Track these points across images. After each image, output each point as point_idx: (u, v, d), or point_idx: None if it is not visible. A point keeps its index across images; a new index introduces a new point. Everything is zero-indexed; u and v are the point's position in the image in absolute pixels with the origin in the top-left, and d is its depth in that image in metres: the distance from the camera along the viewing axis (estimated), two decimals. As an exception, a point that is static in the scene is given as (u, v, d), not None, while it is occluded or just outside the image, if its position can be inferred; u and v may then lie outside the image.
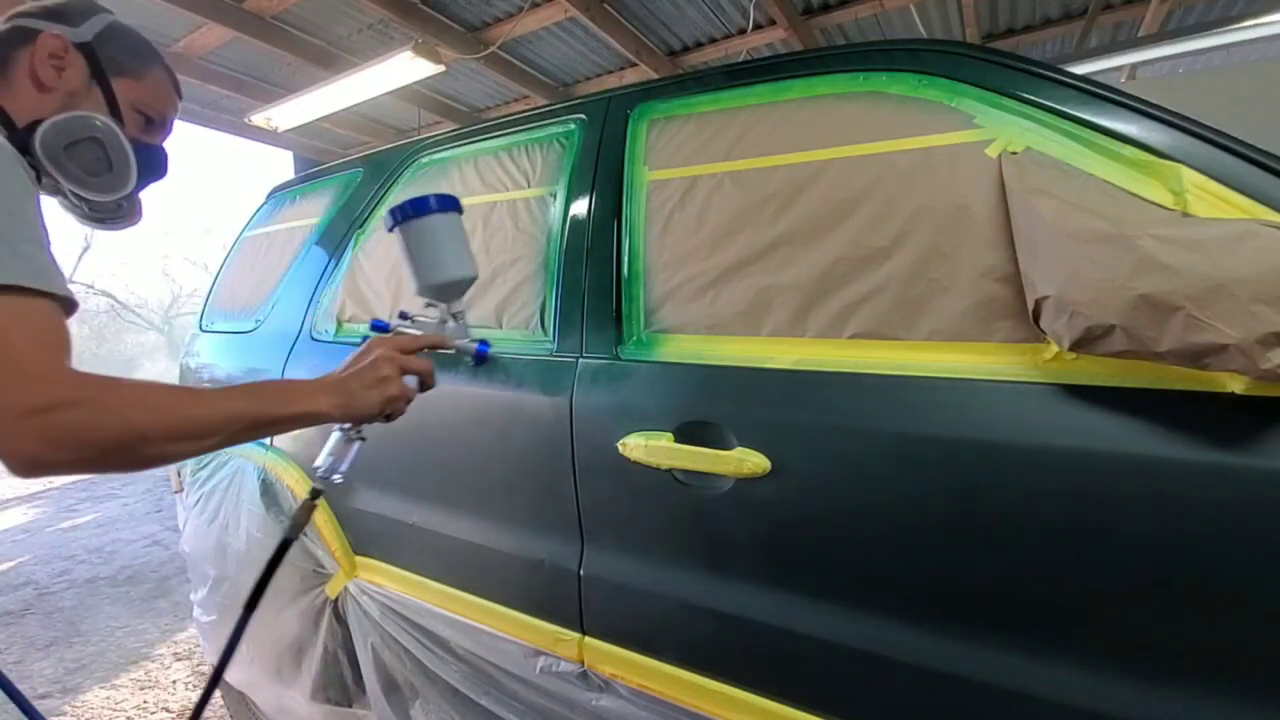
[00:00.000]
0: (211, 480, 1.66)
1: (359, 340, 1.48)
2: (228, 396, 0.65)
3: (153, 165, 0.81)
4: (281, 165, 6.88)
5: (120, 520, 4.24)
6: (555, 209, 1.24)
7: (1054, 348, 0.72)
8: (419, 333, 0.86)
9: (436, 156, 1.55)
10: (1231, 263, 0.58)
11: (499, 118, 1.47)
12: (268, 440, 1.60)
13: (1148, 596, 0.67)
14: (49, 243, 0.60)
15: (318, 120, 4.59)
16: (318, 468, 0.82)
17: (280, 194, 2.07)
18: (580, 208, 1.19)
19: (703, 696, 0.95)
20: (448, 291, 0.88)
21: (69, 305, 0.60)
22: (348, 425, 0.82)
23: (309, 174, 2.02)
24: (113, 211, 0.82)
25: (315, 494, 0.84)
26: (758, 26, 3.95)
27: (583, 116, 1.29)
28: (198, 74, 4.38)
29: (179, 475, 2.06)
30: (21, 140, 0.69)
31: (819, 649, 0.86)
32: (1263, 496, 0.61)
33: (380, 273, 1.51)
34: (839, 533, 0.85)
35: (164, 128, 0.84)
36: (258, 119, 4.48)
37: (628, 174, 1.16)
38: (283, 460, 1.55)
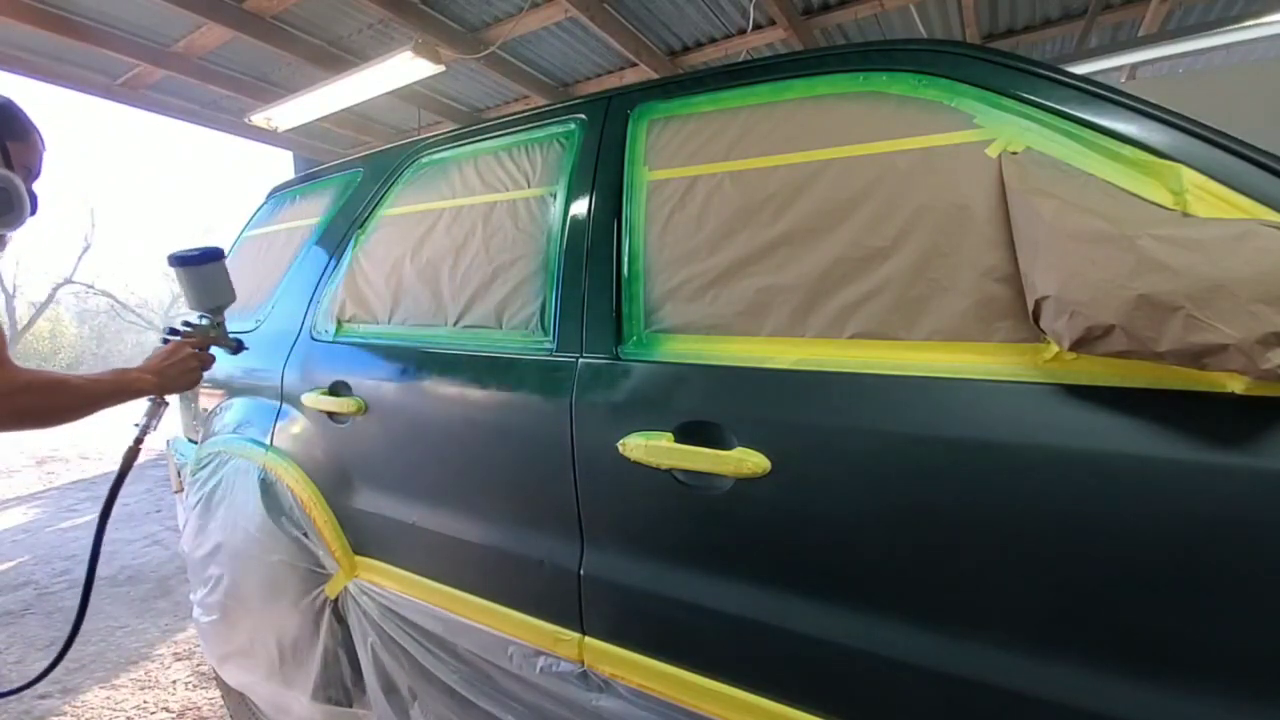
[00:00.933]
0: (212, 480, 1.66)
1: (359, 340, 1.49)
2: (99, 381, 1.06)
3: (34, 204, 1.09)
4: (281, 165, 6.88)
5: (120, 520, 4.23)
6: (555, 209, 1.24)
7: (1054, 348, 0.72)
8: (199, 335, 1.28)
9: (436, 156, 1.55)
10: (1231, 263, 0.58)
11: (499, 118, 1.47)
12: (267, 440, 1.60)
13: (1148, 596, 0.67)
14: None
15: (318, 120, 4.59)
16: (136, 425, 1.25)
17: (280, 194, 2.07)
18: (580, 208, 1.19)
19: (703, 696, 0.95)
20: (218, 310, 1.30)
21: None
22: (156, 397, 1.23)
23: (309, 174, 2.02)
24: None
25: (139, 439, 1.25)
26: (758, 26, 3.95)
27: (583, 116, 1.29)
28: (198, 74, 4.39)
29: (179, 475, 2.06)
30: None
31: (819, 649, 0.86)
32: (1263, 496, 0.61)
33: (380, 272, 1.51)
34: (839, 533, 0.85)
35: (36, 177, 1.12)
36: (258, 119, 4.48)
37: (628, 174, 1.16)
38: (283, 460, 1.55)
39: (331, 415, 1.45)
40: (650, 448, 0.97)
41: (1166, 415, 0.66)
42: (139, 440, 1.25)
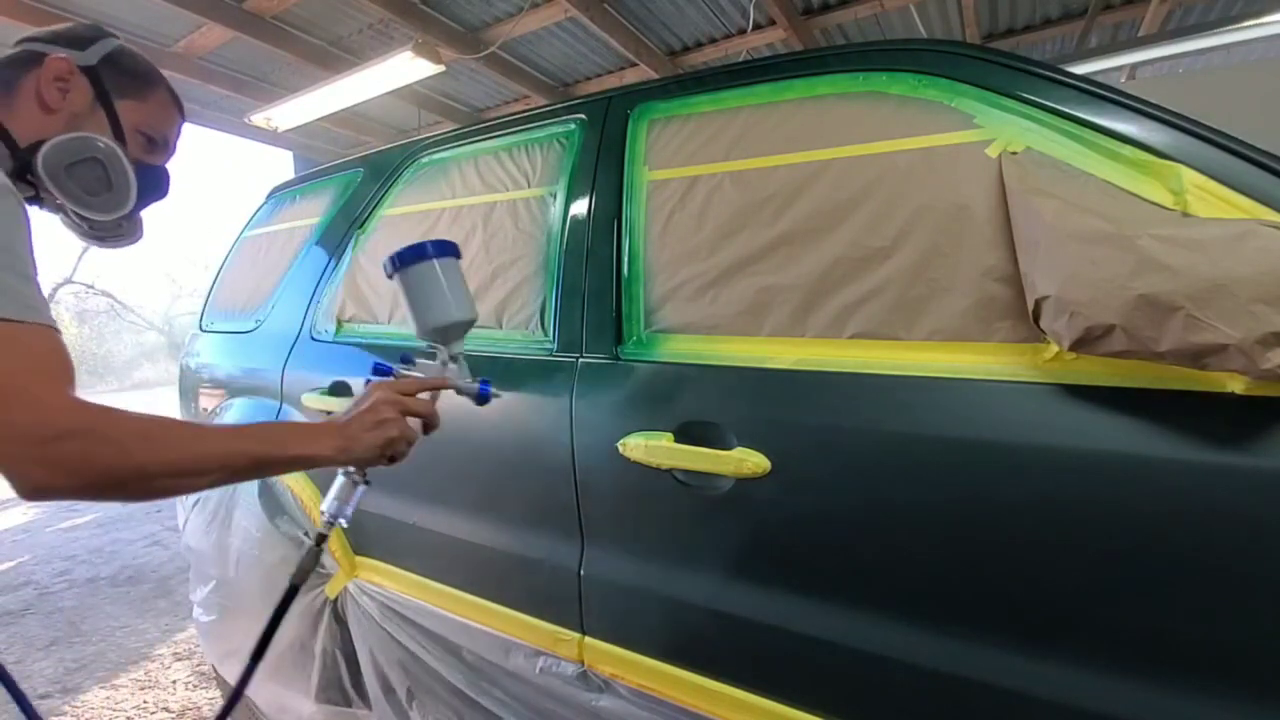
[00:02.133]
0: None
1: (359, 340, 1.48)
2: (229, 435, 0.66)
3: (154, 185, 0.83)
4: (281, 165, 6.88)
5: (120, 520, 4.23)
6: (555, 209, 1.24)
7: (1054, 348, 0.72)
8: (420, 375, 0.87)
9: (436, 156, 1.55)
10: (1231, 263, 0.58)
11: (499, 118, 1.47)
12: (268, 440, 1.60)
13: (1148, 596, 0.67)
14: (36, 273, 0.61)
15: (318, 120, 4.59)
16: (324, 512, 0.83)
17: (280, 194, 2.07)
18: (580, 208, 1.19)
19: (703, 696, 0.95)
20: (448, 334, 0.88)
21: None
22: (351, 469, 0.83)
23: (309, 174, 2.02)
24: (113, 230, 0.83)
25: (320, 539, 0.86)
26: (758, 26, 3.95)
27: (583, 116, 1.28)
28: (198, 74, 4.38)
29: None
30: (24, 160, 0.71)
31: (819, 649, 0.86)
32: (1263, 496, 0.61)
33: (380, 272, 1.51)
34: (839, 533, 0.85)
35: (166, 148, 0.85)
36: (258, 119, 4.47)
37: (628, 174, 1.16)
38: (283, 460, 1.55)
39: (331, 415, 1.45)
40: (650, 448, 0.97)
41: (1166, 415, 0.66)
42: (322, 538, 0.85)
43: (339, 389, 1.45)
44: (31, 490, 0.54)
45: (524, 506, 1.17)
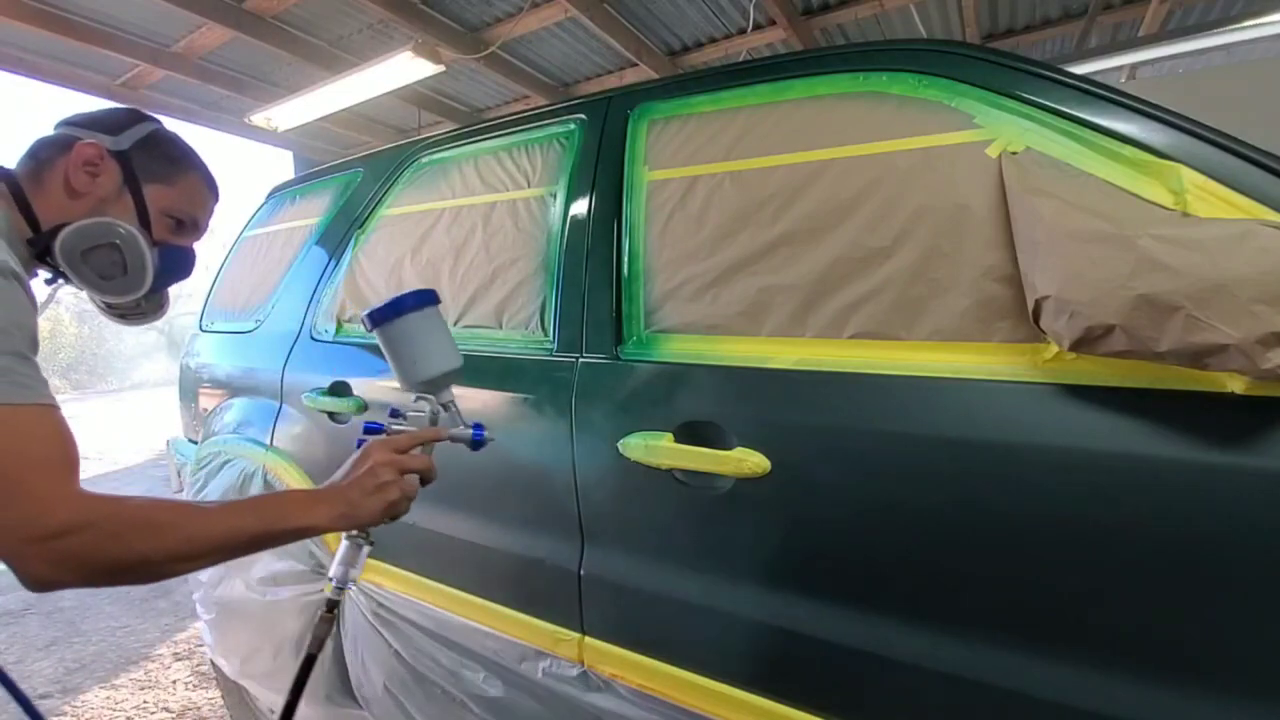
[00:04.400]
0: (212, 481, 1.66)
1: (359, 340, 1.48)
2: (229, 513, 0.66)
3: (177, 265, 0.84)
4: (281, 165, 6.88)
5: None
6: (555, 209, 1.24)
7: (1054, 348, 0.72)
8: (413, 429, 0.85)
9: (436, 156, 1.55)
10: (1231, 263, 0.58)
11: (499, 118, 1.47)
12: (267, 440, 1.60)
13: (1148, 596, 0.67)
14: (35, 352, 0.61)
15: (318, 120, 4.59)
16: (332, 579, 0.84)
17: (280, 194, 2.07)
18: (580, 208, 1.19)
19: (703, 696, 0.95)
20: (435, 385, 0.87)
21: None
22: (354, 532, 0.83)
23: (309, 174, 2.02)
24: (132, 309, 0.85)
25: (331, 605, 0.86)
26: (758, 26, 3.95)
27: (583, 116, 1.28)
28: (198, 74, 4.39)
29: (179, 475, 2.06)
30: (44, 242, 0.73)
31: (819, 649, 0.86)
32: (1263, 496, 0.61)
33: (380, 273, 1.51)
34: (839, 533, 0.85)
35: (196, 230, 0.86)
36: (258, 119, 4.48)
37: (628, 174, 1.16)
38: (283, 460, 1.55)
39: (331, 415, 1.45)
40: (650, 448, 0.97)
41: (1166, 415, 0.66)
42: (333, 605, 0.85)
43: (339, 389, 1.45)
44: (36, 584, 0.55)
45: (524, 506, 1.17)
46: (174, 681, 2.30)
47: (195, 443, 1.95)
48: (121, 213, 0.77)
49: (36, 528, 0.54)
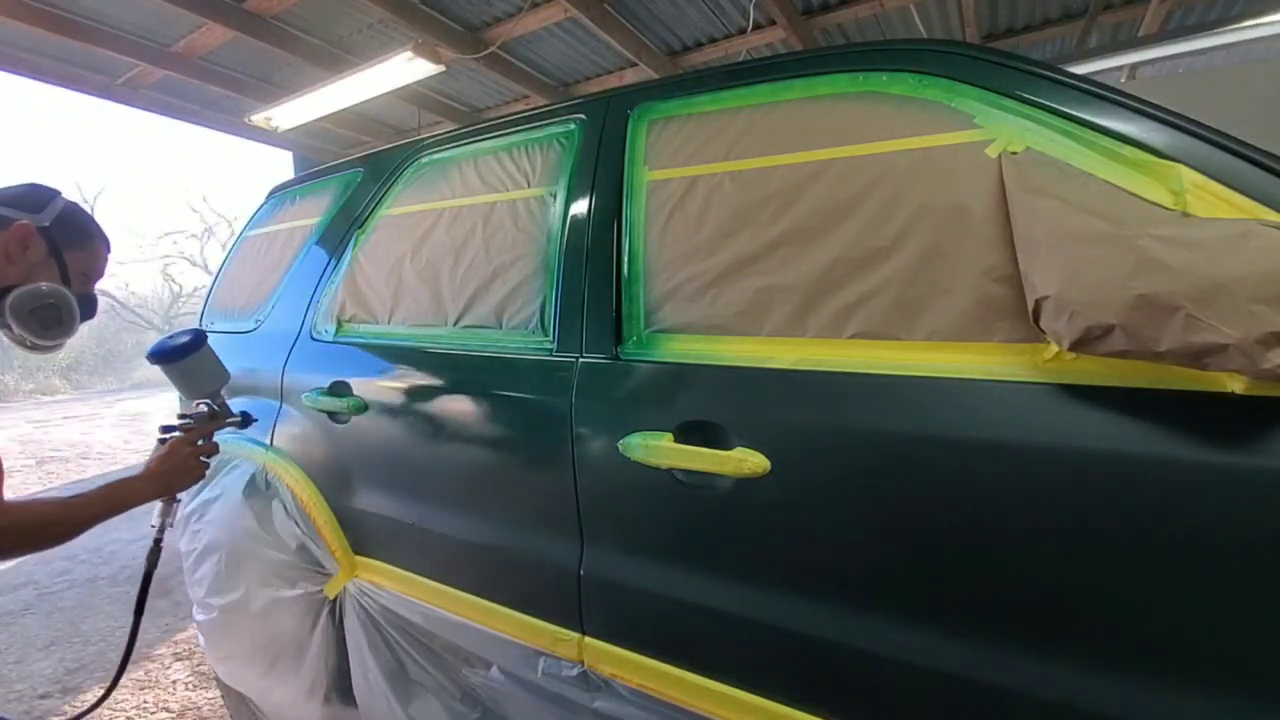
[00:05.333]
0: (212, 481, 1.66)
1: (359, 340, 1.49)
2: (96, 503, 0.97)
3: (90, 309, 1.06)
4: (281, 165, 6.88)
5: (120, 520, 4.22)
6: (555, 209, 1.24)
7: (1054, 348, 0.72)
8: (196, 426, 1.18)
9: (436, 156, 1.55)
10: (1231, 263, 0.58)
11: (499, 118, 1.47)
12: (267, 440, 1.60)
13: (1147, 596, 0.67)
14: None
15: (318, 120, 4.58)
16: (152, 525, 1.21)
17: (280, 194, 2.07)
18: (580, 208, 1.19)
19: (703, 696, 0.95)
20: (212, 397, 1.22)
21: None
22: (167, 497, 1.18)
23: (309, 174, 2.02)
24: (55, 346, 1.04)
25: (157, 544, 1.23)
26: (758, 26, 3.94)
27: (583, 116, 1.28)
28: (198, 74, 4.38)
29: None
30: None
31: (819, 649, 0.86)
32: (1263, 496, 0.61)
33: (380, 272, 1.51)
34: (839, 533, 0.85)
35: (99, 278, 1.09)
36: (258, 119, 4.47)
37: (628, 174, 1.16)
38: (283, 460, 1.55)
39: (331, 415, 1.45)
40: (650, 448, 0.97)
41: (1166, 415, 0.66)
42: (158, 541, 1.22)
43: (339, 389, 1.45)
44: None
45: (524, 506, 1.17)
46: (174, 681, 2.30)
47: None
48: (49, 275, 0.97)
49: None
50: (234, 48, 4.16)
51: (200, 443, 1.16)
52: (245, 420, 1.26)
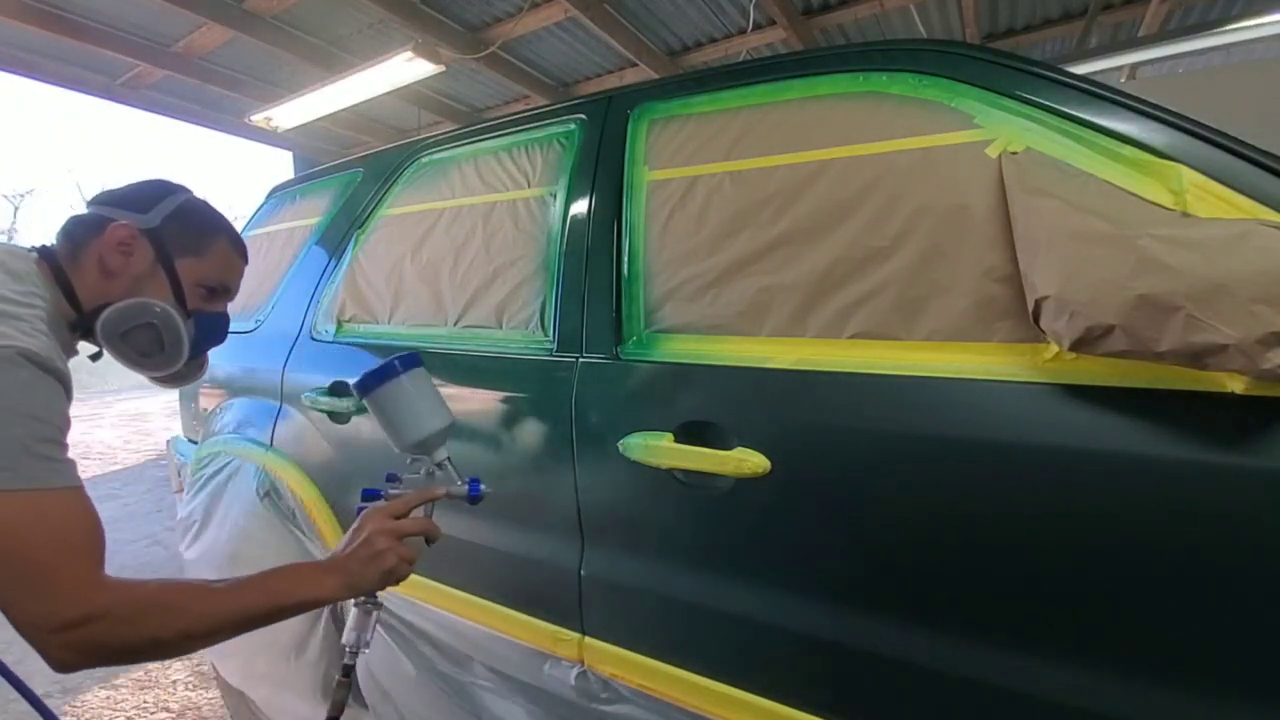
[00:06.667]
0: (213, 481, 1.66)
1: (359, 340, 1.48)
2: (239, 593, 0.70)
3: (213, 332, 0.87)
4: (281, 165, 6.88)
5: (120, 520, 4.23)
6: (555, 209, 1.24)
7: (1054, 348, 0.72)
8: (409, 491, 0.88)
9: (436, 156, 1.55)
10: (1231, 263, 0.58)
11: (499, 118, 1.47)
12: (268, 440, 1.60)
13: (1147, 596, 0.67)
14: (65, 436, 0.64)
15: (318, 120, 4.59)
16: (345, 645, 0.87)
17: (280, 194, 2.07)
18: (580, 208, 1.19)
19: (703, 696, 0.95)
20: (428, 445, 0.89)
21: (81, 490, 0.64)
22: (361, 599, 0.86)
23: (309, 174, 2.02)
24: (171, 377, 0.87)
25: (347, 671, 0.88)
26: (758, 26, 3.95)
27: (583, 116, 1.28)
28: (198, 74, 4.39)
29: (179, 475, 2.06)
30: (87, 323, 0.77)
31: (819, 649, 0.86)
32: (1263, 496, 0.61)
33: (380, 273, 1.51)
34: (839, 533, 0.85)
35: (227, 295, 0.89)
36: (258, 119, 4.48)
37: (628, 174, 1.16)
38: (283, 460, 1.55)
39: (332, 415, 1.45)
40: (650, 448, 0.97)
41: (1166, 415, 0.66)
42: (348, 669, 0.87)
43: (339, 389, 1.45)
44: (58, 668, 0.58)
45: (524, 507, 1.17)
46: (174, 681, 2.30)
47: (195, 443, 1.95)
48: (157, 289, 0.79)
49: (56, 619, 0.57)
50: (234, 48, 4.16)
51: (409, 520, 0.82)
52: (476, 494, 0.90)
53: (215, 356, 1.99)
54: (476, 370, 1.24)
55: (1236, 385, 0.62)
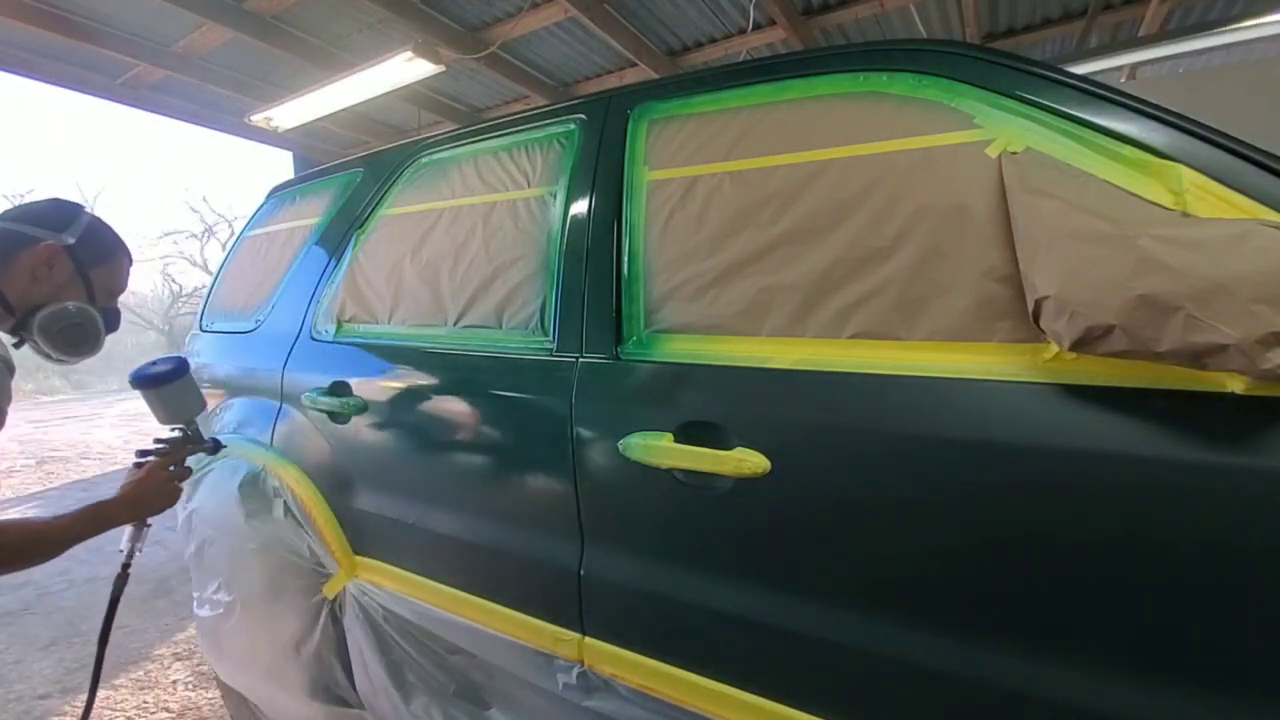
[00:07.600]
0: (213, 481, 1.66)
1: (359, 340, 1.49)
2: (75, 525, 0.96)
3: (115, 323, 1.10)
4: (281, 165, 6.88)
5: (120, 520, 4.23)
6: (555, 209, 1.24)
7: (1054, 348, 0.72)
8: (173, 448, 1.20)
9: (436, 156, 1.55)
10: (1231, 263, 0.58)
11: (499, 118, 1.47)
12: (267, 440, 1.60)
13: (1147, 596, 0.67)
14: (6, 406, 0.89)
15: (318, 120, 4.58)
16: (122, 550, 1.17)
17: (280, 194, 2.07)
18: (580, 208, 1.19)
19: (703, 696, 0.95)
20: (187, 420, 1.24)
21: None
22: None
23: (309, 174, 2.02)
24: (75, 361, 1.08)
25: (125, 567, 1.20)
26: (758, 26, 3.94)
27: (583, 116, 1.28)
28: (198, 74, 4.38)
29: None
30: (22, 321, 0.97)
31: (819, 649, 0.86)
32: (1263, 496, 0.61)
33: (380, 272, 1.51)
34: (838, 533, 0.85)
35: (122, 292, 1.12)
36: (258, 119, 4.47)
37: (628, 174, 1.16)
38: (283, 460, 1.55)
39: (331, 415, 1.45)
40: (650, 448, 0.97)
41: (1166, 415, 0.66)
42: (126, 566, 1.20)
43: (339, 389, 1.45)
44: None
45: (524, 506, 1.17)
46: (174, 682, 2.30)
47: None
48: (75, 293, 1.00)
49: None
50: (234, 48, 4.15)
51: (173, 468, 1.16)
52: (216, 446, 1.28)
53: (215, 356, 2.01)
54: (477, 370, 1.24)
55: (1236, 385, 0.62)
